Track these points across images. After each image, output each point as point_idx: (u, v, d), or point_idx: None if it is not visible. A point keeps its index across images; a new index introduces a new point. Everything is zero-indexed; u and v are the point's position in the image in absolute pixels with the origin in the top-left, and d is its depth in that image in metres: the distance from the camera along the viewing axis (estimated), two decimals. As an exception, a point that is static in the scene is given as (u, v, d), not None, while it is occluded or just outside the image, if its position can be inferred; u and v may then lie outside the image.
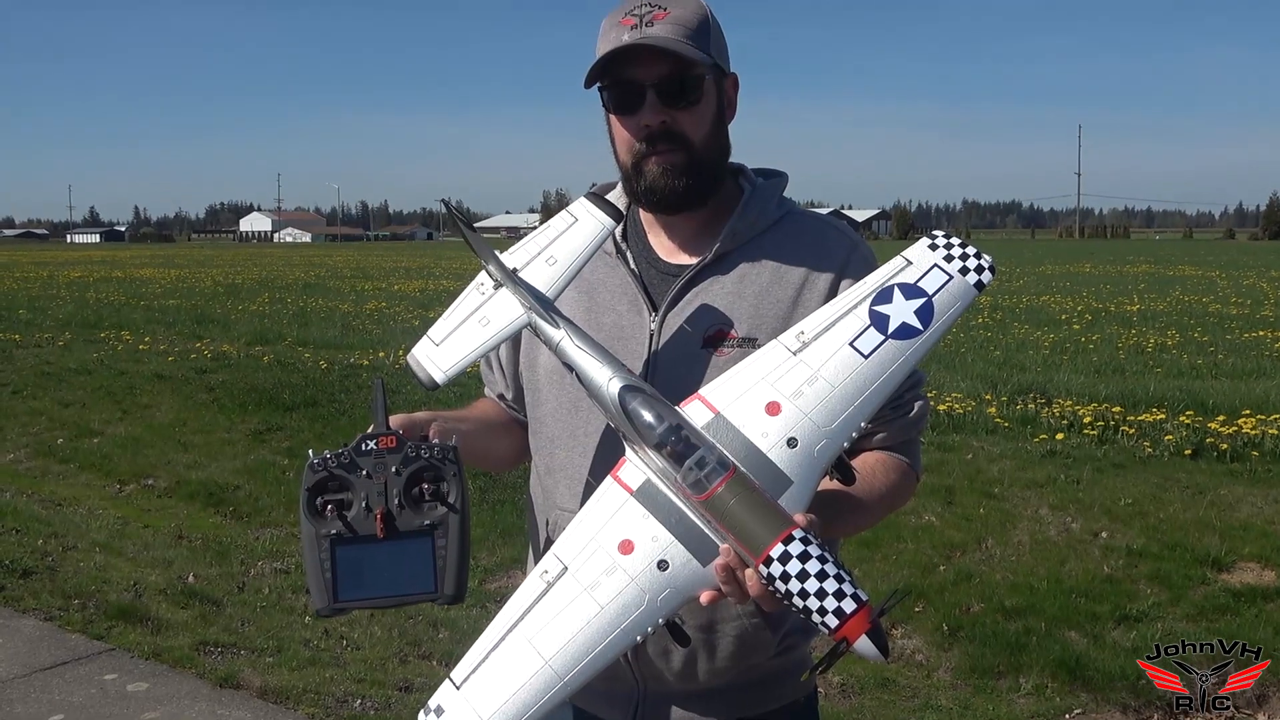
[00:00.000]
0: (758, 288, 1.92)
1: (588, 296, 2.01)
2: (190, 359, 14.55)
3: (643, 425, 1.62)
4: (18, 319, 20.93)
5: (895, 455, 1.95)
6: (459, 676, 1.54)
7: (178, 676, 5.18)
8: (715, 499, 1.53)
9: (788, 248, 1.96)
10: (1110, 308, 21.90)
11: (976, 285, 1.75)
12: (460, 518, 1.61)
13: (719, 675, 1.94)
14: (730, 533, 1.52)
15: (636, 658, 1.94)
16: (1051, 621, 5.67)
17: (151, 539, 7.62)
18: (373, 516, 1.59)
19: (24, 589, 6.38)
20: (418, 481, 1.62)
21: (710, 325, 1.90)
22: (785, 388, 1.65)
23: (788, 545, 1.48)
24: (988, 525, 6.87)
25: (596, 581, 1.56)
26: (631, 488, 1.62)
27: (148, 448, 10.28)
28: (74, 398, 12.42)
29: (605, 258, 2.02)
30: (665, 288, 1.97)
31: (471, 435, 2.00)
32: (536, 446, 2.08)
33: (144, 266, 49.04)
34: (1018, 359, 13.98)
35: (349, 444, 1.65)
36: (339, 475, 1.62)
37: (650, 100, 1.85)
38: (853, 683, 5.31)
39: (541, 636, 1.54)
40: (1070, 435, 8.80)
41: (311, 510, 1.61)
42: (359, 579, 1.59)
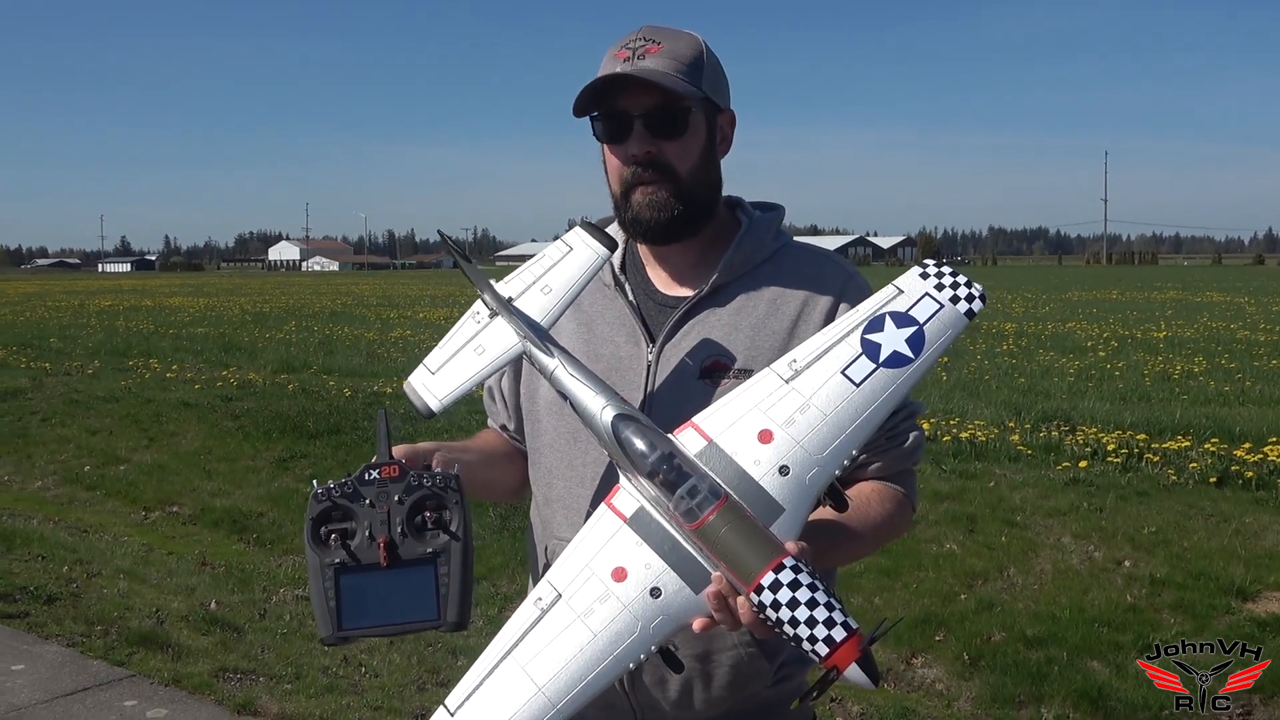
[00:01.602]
0: (754, 319, 1.95)
1: (587, 328, 2.04)
2: (216, 387, 14.66)
3: (635, 453, 1.63)
4: (49, 347, 21.14)
5: (891, 485, 1.96)
6: (454, 703, 1.55)
7: (196, 702, 5.22)
8: (707, 527, 1.54)
9: (784, 280, 1.98)
10: (1137, 334, 21.73)
11: (967, 314, 1.76)
12: (463, 545, 1.63)
13: (715, 705, 1.95)
14: (722, 561, 1.53)
15: (633, 687, 1.95)
16: (1074, 651, 5.62)
17: (175, 566, 7.68)
18: (376, 545, 1.61)
19: (48, 615, 6.43)
20: (420, 510, 1.64)
21: (707, 357, 1.93)
22: (778, 415, 1.67)
23: (778, 573, 1.49)
24: (1009, 553, 6.82)
25: (590, 609, 1.57)
26: (625, 515, 1.63)
27: (173, 475, 10.37)
28: (101, 425, 12.53)
29: (605, 290, 2.06)
30: (663, 319, 1.99)
31: (475, 466, 2.02)
32: (535, 477, 2.10)
33: (173, 295, 49.50)
34: (1042, 386, 13.88)
35: (353, 474, 1.67)
36: (343, 505, 1.64)
37: (638, 130, 1.89)
38: (872, 712, 5.28)
39: (535, 663, 1.55)
40: (1094, 463, 8.72)
41: (316, 540, 1.63)
42: (363, 607, 1.60)
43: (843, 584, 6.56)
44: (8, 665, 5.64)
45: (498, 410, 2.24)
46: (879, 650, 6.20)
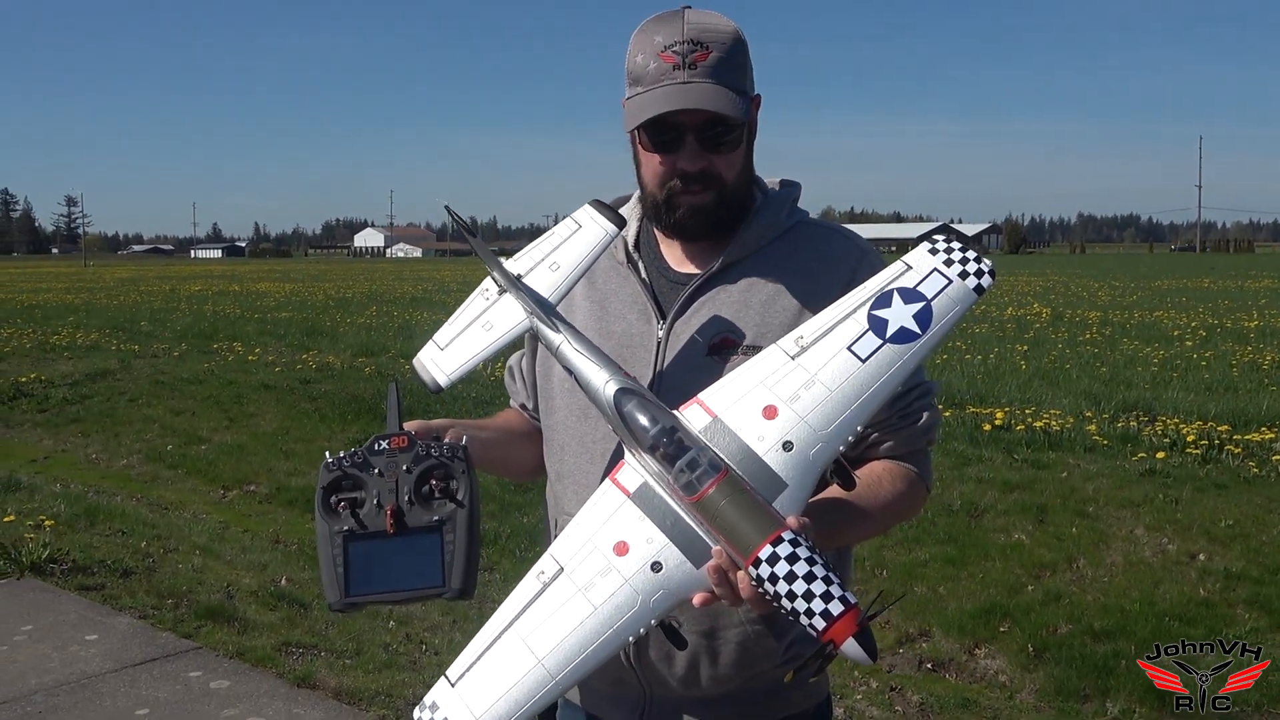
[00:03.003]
0: (764, 296, 1.93)
1: (600, 306, 2.04)
2: (296, 370, 14.97)
3: (637, 427, 1.63)
4: (139, 330, 21.79)
5: (903, 464, 1.93)
6: (454, 674, 1.57)
7: (258, 675, 5.33)
8: (706, 500, 1.54)
9: (796, 257, 1.97)
10: (1227, 323, 21.10)
11: (976, 289, 1.73)
12: (469, 514, 1.65)
13: (722, 682, 1.93)
14: (721, 534, 1.53)
15: (640, 663, 1.95)
16: (1142, 645, 5.48)
17: (249, 543, 7.86)
18: (384, 513, 1.63)
19: (122, 588, 6.63)
20: (427, 479, 1.66)
21: (716, 333, 1.92)
22: (783, 391, 1.66)
23: (776, 546, 1.48)
24: (1080, 545, 6.68)
25: (591, 582, 1.58)
26: (629, 490, 1.64)
27: (251, 455, 10.63)
28: (185, 406, 12.89)
29: (618, 267, 2.06)
30: (674, 296, 1.99)
31: (492, 443, 2.05)
32: (549, 453, 2.11)
33: (261, 280, 50.64)
34: (1125, 376, 13.56)
35: (363, 444, 1.70)
36: (352, 474, 1.67)
37: (690, 144, 1.87)
38: (932, 702, 5.22)
39: (535, 636, 1.56)
40: (1172, 454, 8.50)
41: (326, 508, 1.66)
42: (370, 574, 1.63)
43: (905, 573, 6.50)
44: (82, 635, 5.83)
45: (518, 389, 2.25)
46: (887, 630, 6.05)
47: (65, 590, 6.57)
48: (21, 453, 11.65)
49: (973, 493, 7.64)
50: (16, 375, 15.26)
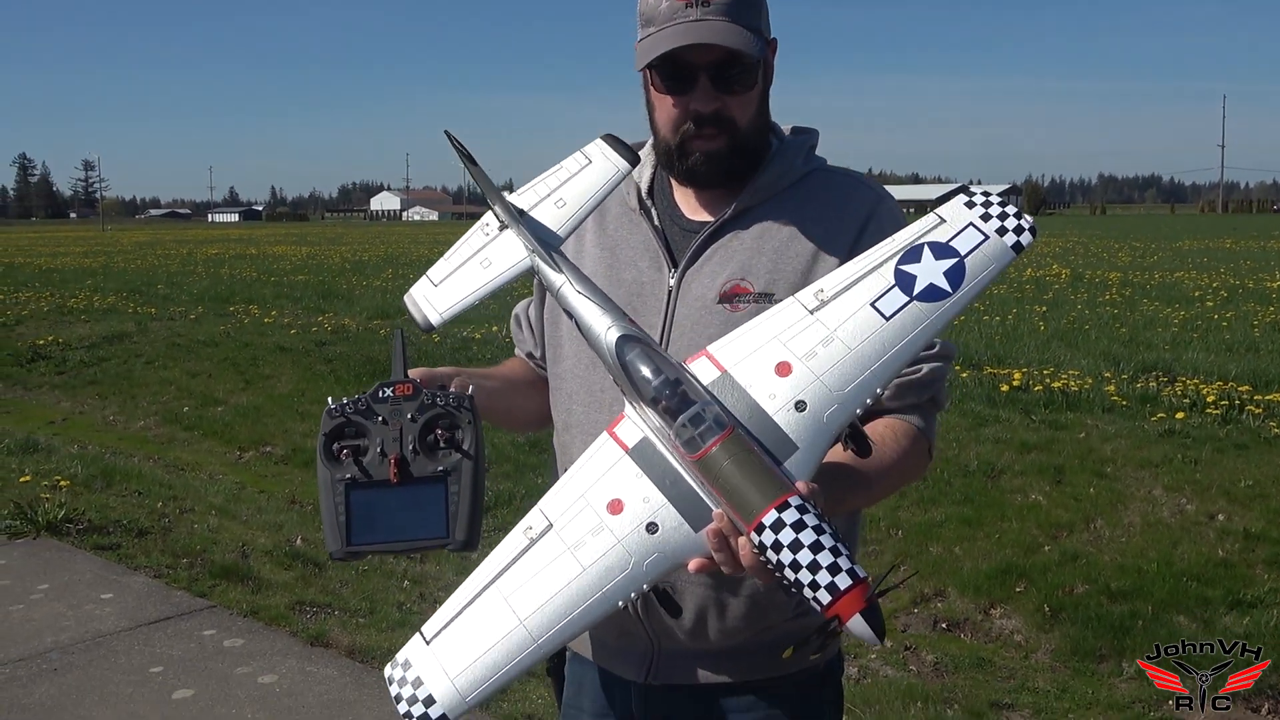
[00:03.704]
0: (777, 242, 1.88)
1: (611, 253, 1.99)
2: (311, 332, 14.96)
3: (639, 378, 1.55)
4: (156, 294, 21.81)
5: (904, 419, 1.85)
6: (430, 631, 1.50)
7: (272, 634, 5.36)
8: (709, 459, 1.45)
9: (811, 203, 1.91)
10: (1249, 284, 20.84)
11: (1015, 247, 1.62)
12: (474, 465, 1.60)
13: (731, 636, 1.90)
14: (723, 496, 1.44)
15: (648, 615, 1.91)
16: (1159, 605, 5.46)
17: (265, 503, 7.89)
18: (387, 462, 1.59)
19: (138, 547, 6.66)
20: (432, 428, 1.61)
21: (727, 281, 1.87)
22: (798, 348, 1.56)
23: (782, 512, 1.38)
24: (1097, 505, 6.62)
25: (581, 541, 1.50)
26: (627, 445, 1.56)
27: (267, 417, 10.66)
28: (201, 368, 12.93)
29: (630, 214, 2.01)
30: (686, 244, 1.93)
31: (497, 393, 2.00)
32: (556, 403, 2.06)
33: (277, 244, 50.63)
34: (1145, 336, 13.41)
35: (367, 391, 1.66)
36: (356, 421, 1.63)
37: (703, 84, 1.82)
38: (947, 662, 5.20)
39: (519, 595, 1.48)
40: (1192, 415, 8.40)
41: (328, 455, 1.62)
42: (372, 523, 1.59)
43: (921, 534, 6.46)
44: (97, 594, 5.86)
45: (525, 338, 2.20)
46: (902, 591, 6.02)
47: (81, 549, 6.61)
48: (39, 414, 11.72)
49: (990, 453, 7.58)
50: (34, 338, 15.32)
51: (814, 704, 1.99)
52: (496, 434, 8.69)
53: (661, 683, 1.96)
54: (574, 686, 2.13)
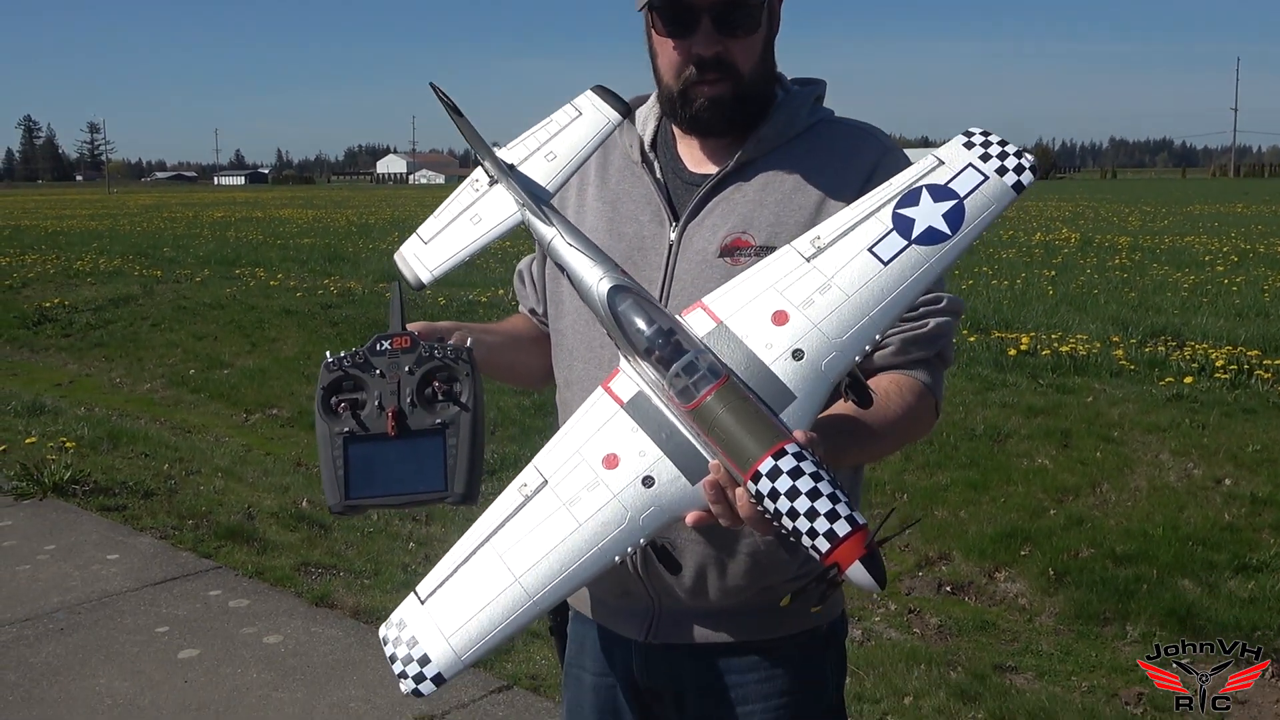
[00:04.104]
0: (780, 195, 1.84)
1: (611, 206, 1.96)
2: (317, 295, 14.95)
3: (631, 329, 1.53)
4: (162, 256, 21.80)
5: (910, 375, 1.81)
6: (424, 590, 1.48)
7: (277, 594, 5.38)
8: (703, 408, 1.42)
9: (816, 155, 1.87)
10: (1259, 249, 20.71)
11: (1015, 187, 1.58)
12: (472, 417, 1.59)
13: (732, 595, 1.88)
14: (719, 446, 1.41)
15: (648, 574, 1.90)
16: (1165, 569, 5.45)
17: (271, 465, 7.90)
18: (385, 415, 1.58)
19: (143, 509, 6.68)
20: (430, 381, 1.61)
21: (728, 234, 1.83)
22: (795, 296, 1.53)
23: (778, 460, 1.35)
24: (1104, 469, 6.60)
25: (576, 496, 1.47)
26: (622, 399, 1.53)
27: (273, 379, 10.66)
28: (207, 331, 12.93)
29: (633, 167, 1.97)
30: (688, 198, 1.90)
31: (498, 347, 1.99)
32: (557, 359, 2.04)
33: (284, 207, 50.54)
34: (1154, 301, 13.35)
35: (365, 344, 1.65)
36: (353, 374, 1.62)
37: (705, 27, 1.78)
38: (951, 625, 5.21)
39: (514, 552, 1.46)
40: (1200, 379, 8.36)
41: (326, 409, 1.61)
42: (370, 477, 1.59)
43: (926, 497, 6.45)
44: (103, 555, 5.88)
45: (527, 293, 2.18)
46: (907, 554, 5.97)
47: (87, 511, 6.63)
48: (46, 377, 11.74)
49: (996, 417, 7.56)
50: (41, 300, 15.34)
51: (816, 665, 1.97)
52: (502, 397, 8.68)
53: (662, 642, 1.95)
54: (575, 645, 2.12)
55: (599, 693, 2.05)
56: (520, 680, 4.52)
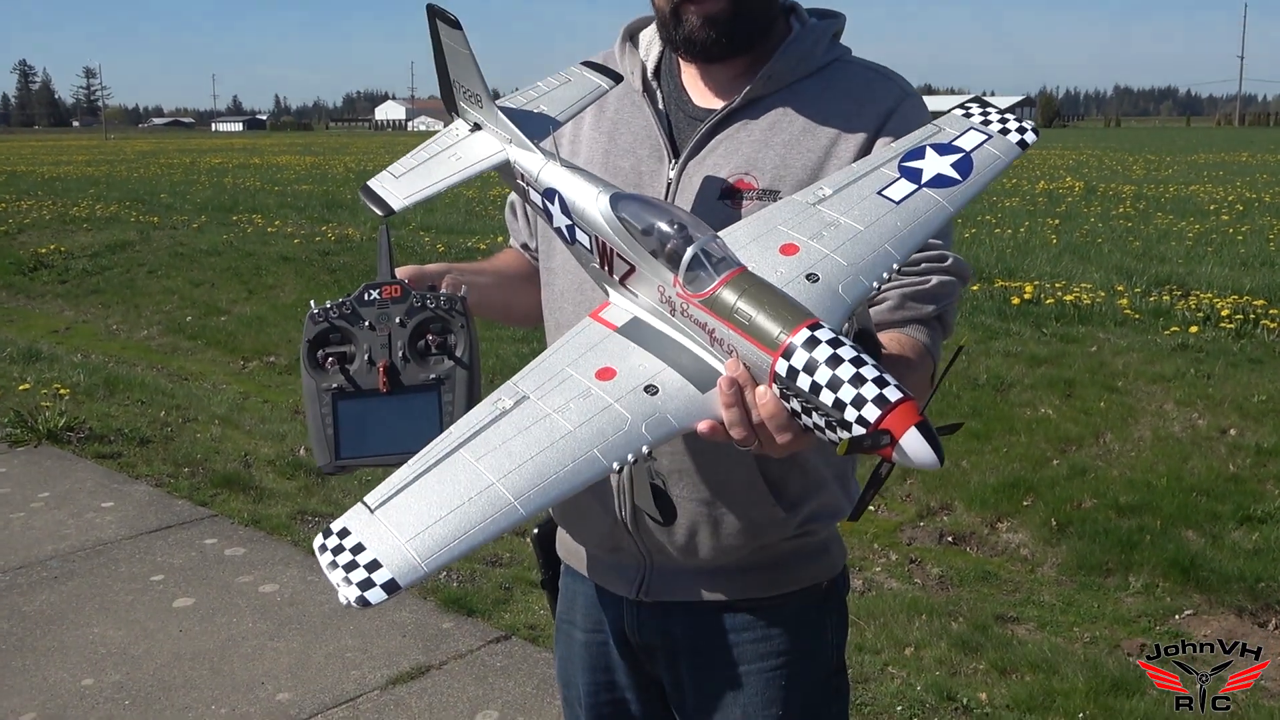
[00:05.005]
0: (788, 136, 1.73)
1: (608, 137, 1.84)
2: (315, 242, 14.82)
3: (639, 231, 1.41)
4: (159, 203, 21.61)
5: (908, 334, 1.69)
6: (375, 500, 1.27)
7: (273, 543, 5.35)
8: (719, 296, 1.30)
9: (829, 95, 1.75)
10: (1265, 198, 20.53)
11: (1020, 144, 1.57)
12: (468, 372, 1.53)
13: (726, 554, 1.80)
14: (740, 331, 1.28)
15: (638, 529, 1.82)
16: (1168, 520, 5.41)
17: (268, 413, 7.86)
18: (376, 370, 1.52)
19: (139, 456, 6.65)
20: (423, 333, 1.54)
21: (731, 175, 1.72)
22: (803, 231, 1.46)
23: (815, 331, 1.23)
24: (1107, 419, 6.54)
25: (565, 406, 1.32)
26: (615, 325, 1.43)
27: (271, 326, 10.59)
28: (204, 278, 12.84)
29: (632, 96, 1.86)
30: (691, 133, 1.78)
31: (490, 288, 1.90)
32: (547, 301, 1.93)
33: (282, 154, 50.12)
34: (1158, 250, 13.24)
35: (352, 294, 1.57)
36: (341, 327, 1.55)
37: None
38: (952, 575, 5.18)
39: (492, 458, 1.28)
40: (1205, 329, 8.28)
41: (313, 363, 1.55)
42: (362, 435, 1.52)
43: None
44: (98, 503, 5.85)
45: (519, 228, 2.08)
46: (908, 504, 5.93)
47: (82, 458, 6.60)
48: (43, 323, 11.68)
49: (999, 367, 7.49)
50: (37, 246, 15.23)
51: (816, 625, 1.89)
52: (501, 345, 8.61)
53: (654, 599, 1.88)
54: (567, 600, 2.06)
55: (590, 649, 1.99)
56: (519, 630, 4.50)
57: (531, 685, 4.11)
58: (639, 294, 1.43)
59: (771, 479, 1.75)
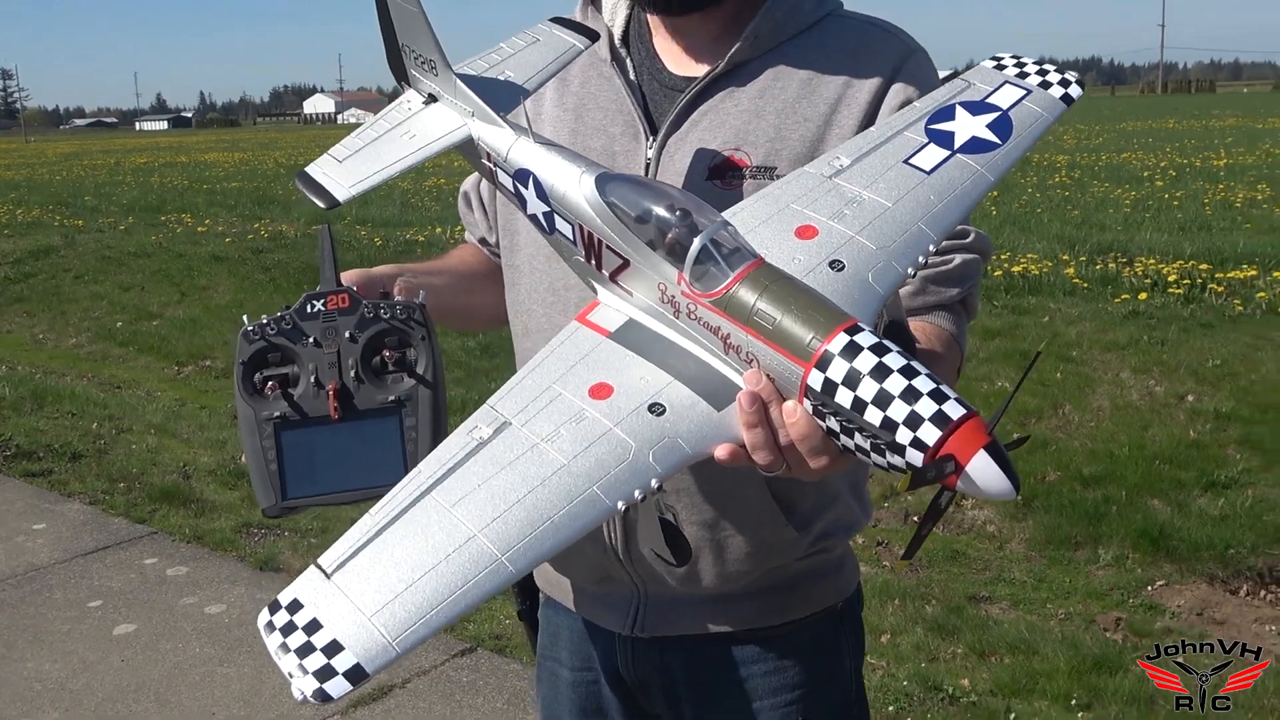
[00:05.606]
0: (782, 103, 1.53)
1: (574, 115, 1.64)
2: (248, 240, 14.52)
3: (632, 216, 1.22)
4: (83, 205, 21.08)
5: (933, 323, 1.53)
6: (330, 562, 1.07)
7: (218, 559, 5.15)
8: (736, 293, 1.10)
9: (823, 55, 1.55)
10: (1195, 163, 20.85)
11: (1064, 99, 1.38)
12: (432, 391, 1.33)
13: (732, 580, 1.60)
14: (759, 335, 1.09)
15: (630, 556, 1.61)
16: (1133, 490, 5.38)
17: (207, 420, 7.60)
18: (324, 394, 1.31)
19: (71, 472, 6.40)
20: (378, 349, 1.33)
21: (719, 151, 1.52)
22: (820, 210, 1.27)
23: (854, 335, 1.05)
24: (1065, 390, 6.51)
25: (555, 433, 1.12)
26: (608, 329, 1.23)
27: (205, 329, 10.29)
28: (134, 281, 12.51)
29: (599, 66, 1.65)
30: (669, 105, 1.58)
31: (448, 290, 1.69)
32: (513, 302, 1.72)
33: (209, 151, 49.21)
34: (1097, 218, 13.34)
35: (292, 306, 1.36)
36: (281, 344, 1.34)
37: None
38: (920, 556, 5.08)
39: (469, 503, 1.07)
40: (1154, 295, 8.30)
41: (249, 388, 1.33)
42: (311, 471, 1.31)
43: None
44: (29, 525, 5.61)
45: (476, 220, 1.86)
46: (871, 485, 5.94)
47: (10, 477, 6.34)
48: (-38, 336, 11.24)
49: (953, 341, 7.44)
50: (-46, 255, 14.69)
51: (831, 649, 1.71)
52: (443, 338, 8.39)
53: (651, 635, 1.67)
54: (549, 635, 1.84)
55: (578, 689, 1.78)
56: (484, 640, 4.33)
57: (502, 700, 3.96)
58: (635, 292, 1.24)
59: (781, 495, 1.57)
